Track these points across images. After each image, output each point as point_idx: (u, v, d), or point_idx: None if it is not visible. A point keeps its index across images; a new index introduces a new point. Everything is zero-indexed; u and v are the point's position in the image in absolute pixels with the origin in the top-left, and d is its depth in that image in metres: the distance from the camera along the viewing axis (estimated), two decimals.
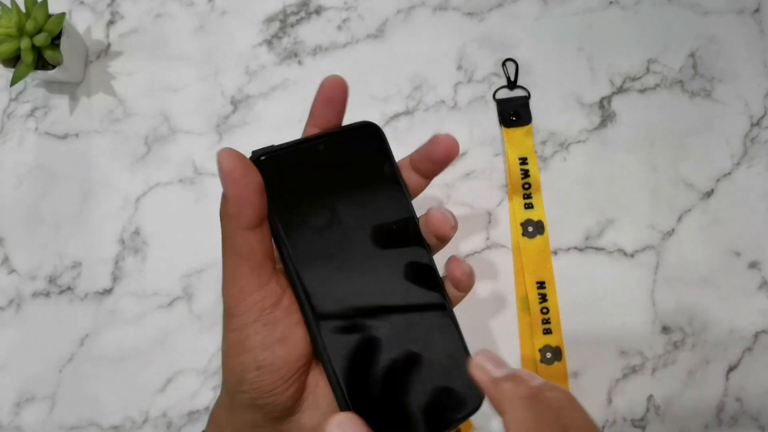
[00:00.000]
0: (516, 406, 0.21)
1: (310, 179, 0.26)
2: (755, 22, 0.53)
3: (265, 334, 0.25)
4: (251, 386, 0.25)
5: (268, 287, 0.25)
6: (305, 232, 0.26)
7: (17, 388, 0.50)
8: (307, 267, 0.26)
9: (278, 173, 0.26)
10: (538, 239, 0.50)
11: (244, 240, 0.24)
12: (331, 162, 0.27)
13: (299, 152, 0.26)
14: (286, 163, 0.26)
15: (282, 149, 0.26)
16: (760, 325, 0.49)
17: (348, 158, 0.27)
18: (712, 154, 0.51)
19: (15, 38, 0.48)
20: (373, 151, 0.28)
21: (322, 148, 0.27)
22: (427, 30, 0.54)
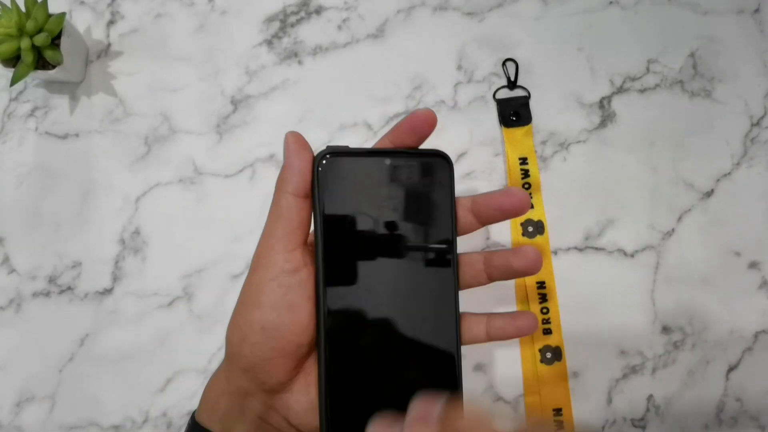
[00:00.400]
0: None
1: (367, 187, 0.28)
2: (755, 22, 0.53)
3: (278, 294, 0.26)
4: (251, 350, 0.26)
5: (294, 253, 0.27)
6: (343, 234, 0.27)
7: (17, 388, 0.50)
8: (334, 264, 0.27)
9: (340, 172, 0.27)
10: (538, 239, 0.50)
11: (287, 202, 0.27)
12: (392, 178, 0.28)
13: (366, 159, 0.28)
14: (350, 165, 0.28)
15: (351, 153, 0.28)
16: (760, 325, 0.49)
17: (409, 179, 0.28)
18: (712, 154, 0.51)
19: (15, 38, 0.48)
20: (436, 180, 0.29)
21: (389, 162, 0.28)
22: (427, 30, 0.54)
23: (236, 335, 0.27)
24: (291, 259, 0.27)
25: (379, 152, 0.28)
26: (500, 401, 0.48)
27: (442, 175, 0.29)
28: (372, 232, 0.28)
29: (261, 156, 0.52)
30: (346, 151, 0.28)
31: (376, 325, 0.28)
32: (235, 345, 0.27)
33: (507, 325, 0.31)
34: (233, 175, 0.52)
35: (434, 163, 0.29)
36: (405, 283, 0.28)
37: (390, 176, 0.28)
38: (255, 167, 0.52)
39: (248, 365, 0.27)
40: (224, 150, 0.53)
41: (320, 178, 0.27)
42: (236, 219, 0.51)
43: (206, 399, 0.29)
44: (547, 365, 0.48)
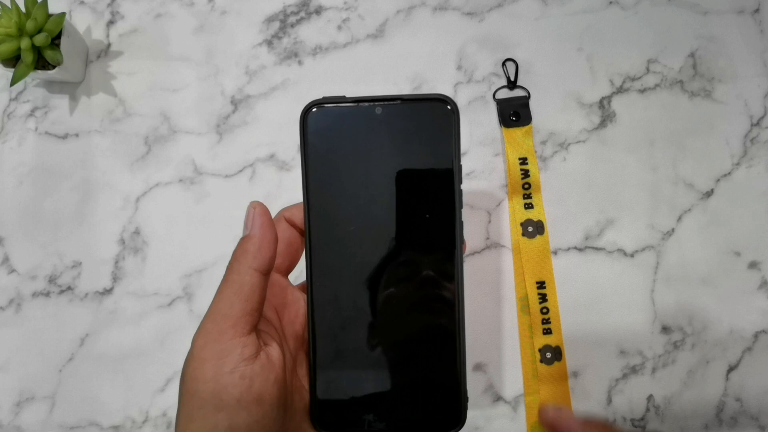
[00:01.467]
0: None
1: (356, 142, 0.25)
2: (755, 22, 0.53)
3: (241, 389, 0.23)
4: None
5: (251, 336, 0.24)
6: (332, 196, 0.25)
7: (17, 388, 0.50)
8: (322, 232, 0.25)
9: (326, 126, 0.25)
10: (538, 239, 0.50)
11: (251, 279, 0.24)
12: (384, 129, 0.25)
13: (354, 111, 0.25)
14: (337, 118, 0.25)
15: (337, 102, 0.25)
16: (760, 325, 0.49)
17: (404, 130, 0.25)
18: (712, 154, 0.51)
19: (15, 38, 0.48)
20: (436, 130, 0.25)
21: (380, 112, 0.25)
22: (427, 30, 0.54)
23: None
24: (249, 343, 0.23)
25: (367, 100, 0.25)
26: (500, 401, 0.48)
27: (444, 124, 0.25)
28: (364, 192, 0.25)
29: (261, 156, 0.52)
30: (329, 101, 0.25)
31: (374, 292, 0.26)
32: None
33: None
34: (233, 175, 0.52)
35: (435, 110, 0.25)
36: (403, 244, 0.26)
37: (381, 127, 0.25)
38: (255, 167, 0.52)
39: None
40: (224, 150, 0.53)
41: (307, 133, 0.25)
42: (236, 219, 0.51)
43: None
44: (547, 365, 0.48)
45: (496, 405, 0.48)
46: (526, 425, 0.48)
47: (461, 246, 0.26)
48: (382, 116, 0.25)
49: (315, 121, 0.25)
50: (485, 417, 0.48)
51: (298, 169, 0.52)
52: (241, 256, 0.24)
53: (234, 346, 0.23)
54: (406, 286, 0.26)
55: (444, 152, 0.25)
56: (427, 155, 0.25)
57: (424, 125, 0.25)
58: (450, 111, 0.25)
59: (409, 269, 0.26)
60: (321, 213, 0.25)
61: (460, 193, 0.26)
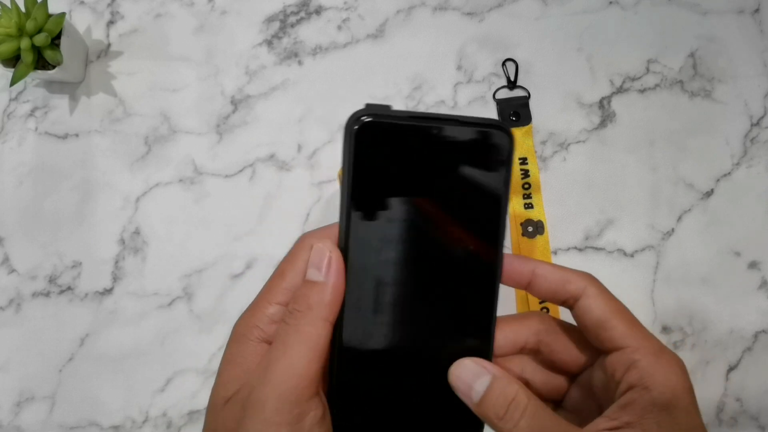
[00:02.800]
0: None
1: (407, 160, 0.24)
2: (755, 22, 0.53)
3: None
4: None
5: (320, 395, 0.23)
6: (374, 217, 0.24)
7: (17, 388, 0.50)
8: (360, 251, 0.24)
9: (376, 140, 0.24)
10: (538, 239, 0.50)
11: (326, 333, 0.23)
12: (437, 150, 0.24)
13: (408, 127, 0.24)
14: (389, 132, 0.24)
15: (392, 117, 0.24)
16: (760, 325, 0.49)
17: (458, 154, 0.24)
18: (712, 154, 0.51)
19: (15, 38, 0.48)
20: (490, 157, 0.24)
21: (436, 132, 0.24)
22: (427, 30, 0.54)
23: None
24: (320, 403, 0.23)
25: (424, 118, 0.24)
26: None
27: (499, 151, 0.24)
28: (406, 214, 0.24)
29: (261, 156, 0.52)
30: (383, 115, 0.23)
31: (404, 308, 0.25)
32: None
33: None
34: (233, 175, 0.52)
35: (491, 136, 0.24)
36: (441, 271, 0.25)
37: (435, 148, 0.24)
38: (255, 167, 0.52)
39: None
40: (224, 150, 0.53)
41: (355, 145, 0.23)
42: (236, 219, 0.51)
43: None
44: None
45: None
46: None
47: (499, 278, 0.25)
48: (434, 137, 0.24)
49: (363, 135, 0.23)
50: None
51: (298, 170, 0.52)
52: (315, 306, 0.23)
53: (309, 407, 0.22)
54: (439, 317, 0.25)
55: (495, 181, 0.24)
56: (479, 184, 0.24)
57: (479, 151, 0.24)
58: (508, 139, 0.24)
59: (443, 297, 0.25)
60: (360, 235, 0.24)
61: (504, 226, 0.25)
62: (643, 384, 0.22)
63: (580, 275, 0.25)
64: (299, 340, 0.22)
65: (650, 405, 0.22)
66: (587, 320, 0.25)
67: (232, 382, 0.23)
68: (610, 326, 0.24)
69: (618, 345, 0.24)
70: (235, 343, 0.24)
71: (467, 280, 0.25)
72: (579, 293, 0.25)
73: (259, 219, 0.51)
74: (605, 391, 0.25)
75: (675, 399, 0.22)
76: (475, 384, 0.23)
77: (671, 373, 0.23)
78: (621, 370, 0.23)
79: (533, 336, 0.26)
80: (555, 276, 0.25)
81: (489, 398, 0.22)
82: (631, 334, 0.24)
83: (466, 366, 0.23)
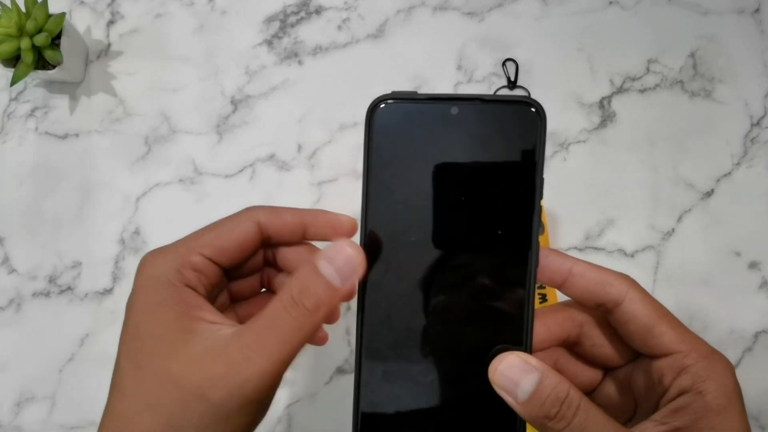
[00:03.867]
0: None
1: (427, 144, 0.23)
2: (755, 22, 0.53)
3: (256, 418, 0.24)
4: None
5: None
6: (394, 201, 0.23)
7: (17, 388, 0.50)
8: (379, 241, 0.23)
9: (395, 124, 0.23)
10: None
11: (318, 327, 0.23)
12: (459, 131, 0.22)
13: (427, 109, 0.23)
14: (407, 115, 0.23)
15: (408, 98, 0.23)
16: (760, 325, 0.49)
17: (482, 134, 0.23)
18: (712, 154, 0.51)
19: (15, 38, 0.48)
20: (520, 136, 0.22)
21: (456, 112, 0.22)
22: (427, 30, 0.54)
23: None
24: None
25: (443, 99, 0.23)
26: None
27: (529, 130, 0.22)
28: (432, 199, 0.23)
29: (261, 156, 0.52)
30: (403, 96, 0.23)
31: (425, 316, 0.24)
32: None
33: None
34: (233, 175, 0.52)
35: (520, 114, 0.22)
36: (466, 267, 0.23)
37: (456, 129, 0.22)
38: (255, 167, 0.52)
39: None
40: (224, 150, 0.53)
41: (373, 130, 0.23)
42: None
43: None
44: None
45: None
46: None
47: (534, 269, 0.23)
48: (458, 117, 0.22)
49: (383, 118, 0.23)
50: None
51: (298, 170, 0.52)
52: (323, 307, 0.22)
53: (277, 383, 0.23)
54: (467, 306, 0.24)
55: (526, 163, 0.22)
56: (507, 165, 0.23)
57: (505, 130, 0.22)
58: (537, 116, 0.22)
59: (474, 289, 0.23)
60: (380, 220, 0.23)
61: (539, 210, 0.23)
62: (697, 389, 0.22)
63: (619, 277, 0.24)
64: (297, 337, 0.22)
65: (704, 410, 0.22)
66: (633, 327, 0.23)
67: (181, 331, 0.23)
68: (658, 332, 0.23)
69: (667, 351, 0.23)
70: (165, 286, 0.25)
71: (500, 269, 0.23)
72: (620, 298, 0.23)
73: None
74: (647, 392, 0.24)
75: (729, 403, 0.22)
76: (523, 382, 0.21)
77: (724, 377, 0.22)
78: (671, 375, 0.23)
79: (577, 328, 0.25)
80: (594, 276, 0.24)
81: (538, 397, 0.21)
82: (679, 338, 0.23)
83: (511, 362, 0.22)
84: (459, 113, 0.22)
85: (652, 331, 0.23)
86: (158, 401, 0.22)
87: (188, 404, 0.22)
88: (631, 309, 0.23)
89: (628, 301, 0.23)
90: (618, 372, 0.26)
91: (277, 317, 0.22)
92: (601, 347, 0.25)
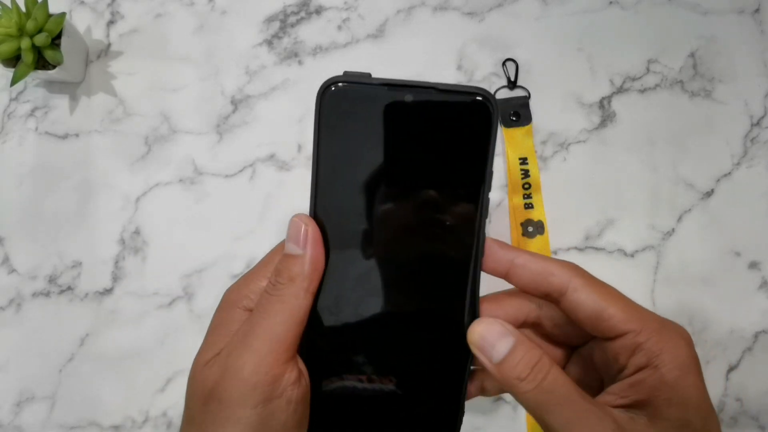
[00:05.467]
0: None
1: (377, 130, 0.23)
2: (755, 22, 0.53)
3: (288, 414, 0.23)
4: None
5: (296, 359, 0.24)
6: (343, 188, 0.23)
7: (17, 388, 0.50)
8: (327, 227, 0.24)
9: (347, 108, 0.23)
10: (538, 239, 0.50)
11: (306, 303, 0.23)
12: (412, 119, 0.23)
13: (381, 94, 0.23)
14: (359, 100, 0.23)
15: (364, 83, 0.23)
16: (760, 325, 0.49)
17: (435, 123, 0.23)
18: (712, 154, 0.51)
19: (15, 38, 0.48)
20: (471, 126, 0.23)
21: (411, 99, 0.22)
22: (427, 30, 0.54)
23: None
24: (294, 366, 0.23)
25: (398, 86, 0.22)
26: (500, 401, 0.48)
27: (480, 122, 0.23)
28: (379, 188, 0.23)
29: (261, 156, 0.52)
30: (356, 81, 0.23)
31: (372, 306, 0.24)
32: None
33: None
34: (233, 175, 0.52)
35: (472, 105, 0.23)
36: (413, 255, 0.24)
37: (408, 117, 0.23)
38: (255, 167, 0.52)
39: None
40: (224, 150, 0.53)
41: (323, 111, 0.23)
42: (236, 219, 0.51)
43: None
44: None
45: (496, 405, 0.48)
46: (526, 425, 0.48)
47: (480, 259, 0.24)
48: (411, 104, 0.22)
49: (333, 101, 0.23)
50: (486, 417, 0.48)
51: (298, 170, 0.52)
52: (297, 277, 0.23)
53: (285, 370, 0.23)
54: (414, 290, 0.24)
55: (476, 154, 0.23)
56: (456, 155, 0.23)
57: (457, 120, 0.23)
58: (489, 107, 0.23)
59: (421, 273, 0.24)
60: (328, 206, 0.24)
61: (487, 202, 0.24)
62: (652, 364, 0.22)
63: (562, 266, 0.25)
64: (281, 309, 0.23)
65: (659, 383, 0.22)
66: (580, 314, 0.24)
67: (214, 346, 0.24)
68: (606, 316, 0.23)
69: (619, 332, 0.23)
70: (223, 310, 0.25)
71: (445, 257, 0.24)
72: (564, 287, 0.24)
73: (259, 219, 0.51)
74: (607, 369, 0.25)
75: (683, 375, 0.22)
76: (498, 344, 0.23)
77: (678, 348, 0.22)
78: (626, 355, 0.23)
79: (535, 310, 0.26)
80: (536, 267, 0.24)
81: (512, 359, 0.22)
82: (629, 318, 0.23)
83: (491, 324, 0.23)
84: (413, 101, 0.22)
85: (601, 315, 0.23)
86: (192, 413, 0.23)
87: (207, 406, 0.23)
88: (576, 297, 0.24)
89: (571, 289, 0.24)
90: (582, 350, 0.26)
91: (261, 301, 0.24)
92: (562, 326, 0.26)
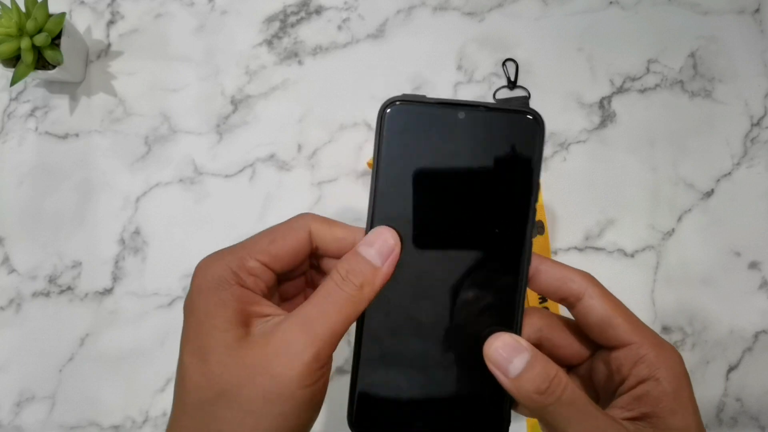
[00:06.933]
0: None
1: (432, 144, 0.25)
2: (755, 22, 0.53)
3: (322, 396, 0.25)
4: None
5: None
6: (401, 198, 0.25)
7: (17, 388, 0.50)
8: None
9: (405, 124, 0.25)
10: (538, 239, 0.50)
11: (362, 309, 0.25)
12: (464, 136, 0.25)
13: (435, 112, 0.25)
14: (416, 117, 0.25)
15: (419, 102, 0.25)
16: (760, 325, 0.49)
17: (485, 141, 0.25)
18: (712, 154, 0.51)
19: (15, 38, 0.48)
20: (519, 145, 0.25)
21: (463, 117, 0.25)
22: (427, 30, 0.54)
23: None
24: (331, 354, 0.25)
25: (451, 104, 0.25)
26: None
27: (529, 138, 0.25)
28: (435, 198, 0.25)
29: (261, 156, 0.52)
30: (411, 100, 0.25)
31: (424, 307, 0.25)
32: None
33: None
34: (233, 175, 0.52)
35: (521, 123, 0.25)
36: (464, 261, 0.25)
37: (461, 134, 0.25)
38: (255, 167, 0.52)
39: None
40: (224, 150, 0.53)
41: (384, 129, 0.25)
42: (236, 219, 0.51)
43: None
44: None
45: None
46: (526, 425, 0.48)
47: (527, 268, 0.25)
48: (464, 121, 0.25)
49: (394, 119, 0.25)
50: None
51: (298, 170, 0.52)
52: (366, 286, 0.24)
53: (330, 359, 0.24)
54: (464, 297, 0.26)
55: (524, 167, 0.25)
56: (506, 168, 0.25)
57: (507, 137, 0.25)
58: (537, 126, 0.25)
59: (471, 281, 0.25)
60: (387, 213, 0.25)
61: (534, 212, 0.25)
62: (654, 376, 0.24)
63: (580, 274, 0.26)
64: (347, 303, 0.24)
65: (662, 394, 0.24)
66: (591, 319, 0.25)
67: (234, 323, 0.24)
68: (614, 324, 0.25)
69: (623, 342, 0.25)
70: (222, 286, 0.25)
71: (496, 263, 0.25)
72: (581, 293, 0.26)
73: (259, 219, 0.51)
74: (607, 382, 0.26)
75: (680, 387, 0.24)
76: (515, 359, 0.23)
77: (674, 363, 0.24)
78: (628, 365, 0.24)
79: (535, 333, 0.27)
80: (558, 273, 0.26)
81: (529, 373, 0.23)
82: (634, 330, 0.25)
83: (506, 340, 0.24)
84: (465, 118, 0.25)
85: (610, 322, 0.25)
86: (229, 387, 0.23)
87: (254, 380, 0.23)
88: (591, 303, 0.26)
89: (587, 296, 0.26)
90: (579, 369, 0.28)
91: (330, 291, 0.24)
92: (561, 348, 0.27)
